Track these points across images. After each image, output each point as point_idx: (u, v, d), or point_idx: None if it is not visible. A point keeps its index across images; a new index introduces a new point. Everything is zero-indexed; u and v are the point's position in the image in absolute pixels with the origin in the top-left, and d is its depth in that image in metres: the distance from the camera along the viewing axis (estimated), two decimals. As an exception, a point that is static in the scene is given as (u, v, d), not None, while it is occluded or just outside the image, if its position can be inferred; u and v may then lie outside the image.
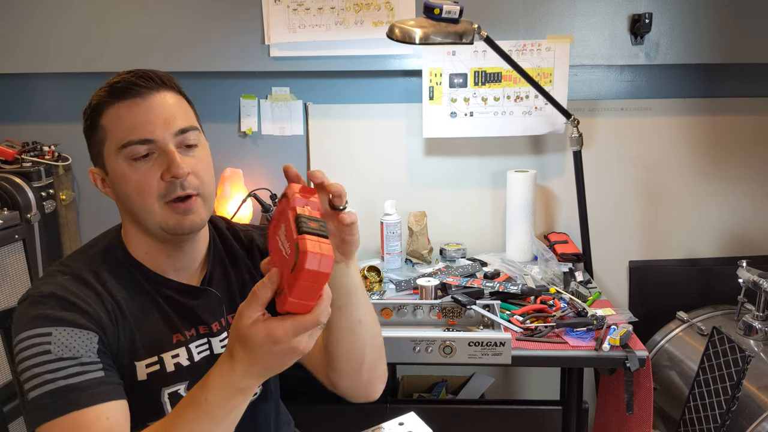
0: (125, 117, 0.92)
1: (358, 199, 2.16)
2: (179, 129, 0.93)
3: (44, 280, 0.95)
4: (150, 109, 0.92)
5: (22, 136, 2.17)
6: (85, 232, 2.26)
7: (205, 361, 1.02)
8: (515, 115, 2.05)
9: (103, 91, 0.94)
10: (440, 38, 1.59)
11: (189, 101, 1.00)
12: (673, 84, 2.10)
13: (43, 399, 0.84)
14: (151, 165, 0.92)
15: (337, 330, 0.96)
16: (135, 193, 0.93)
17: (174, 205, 0.93)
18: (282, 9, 1.99)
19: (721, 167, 2.14)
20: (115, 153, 0.93)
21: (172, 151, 0.91)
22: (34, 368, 0.85)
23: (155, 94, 0.93)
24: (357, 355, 0.99)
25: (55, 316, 0.88)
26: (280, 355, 0.74)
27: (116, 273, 0.98)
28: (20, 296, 0.94)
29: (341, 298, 0.93)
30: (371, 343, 0.99)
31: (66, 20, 2.05)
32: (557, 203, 2.18)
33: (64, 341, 0.87)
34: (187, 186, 0.93)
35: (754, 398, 1.57)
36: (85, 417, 0.84)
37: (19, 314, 0.91)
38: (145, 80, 0.93)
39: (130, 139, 0.91)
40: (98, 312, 0.92)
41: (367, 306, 0.98)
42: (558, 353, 1.43)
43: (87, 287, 0.94)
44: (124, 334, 0.95)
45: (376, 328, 1.01)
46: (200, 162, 0.96)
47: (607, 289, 2.21)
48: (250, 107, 2.15)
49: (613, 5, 1.98)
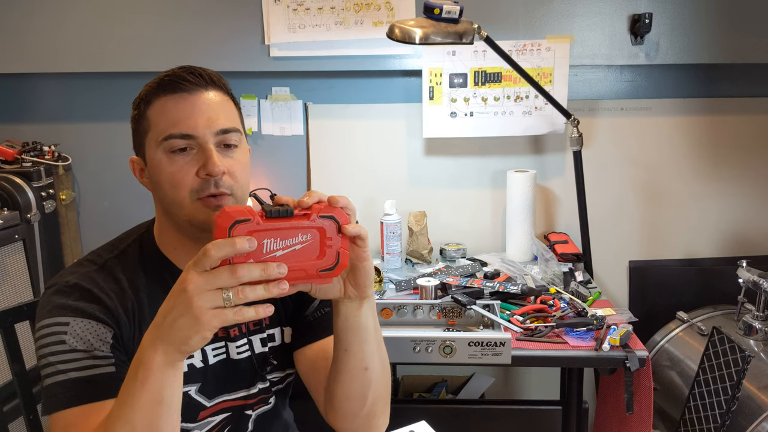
0: (170, 110, 0.92)
1: (358, 199, 2.16)
2: (221, 129, 0.93)
3: (73, 269, 0.96)
4: (195, 106, 0.92)
5: (22, 136, 2.17)
6: (85, 232, 2.26)
7: (220, 364, 1.02)
8: (515, 115, 2.05)
9: (154, 84, 0.95)
10: (440, 38, 1.59)
11: (236, 103, 1.00)
12: (673, 84, 2.10)
13: (56, 388, 0.86)
14: (188, 160, 0.92)
15: (341, 371, 0.93)
16: (168, 184, 0.92)
17: (206, 200, 0.92)
18: (282, 9, 1.99)
19: (721, 167, 2.14)
20: (156, 144, 0.93)
21: (211, 149, 0.91)
22: (49, 357, 0.88)
23: (202, 92, 0.93)
24: (357, 402, 0.95)
25: (75, 307, 0.90)
26: (176, 310, 0.70)
27: (144, 268, 0.98)
28: (48, 282, 0.95)
29: (348, 339, 0.90)
30: (376, 392, 0.95)
31: (66, 20, 2.05)
32: (557, 203, 2.18)
33: (80, 333, 0.88)
34: (221, 185, 0.92)
35: (754, 398, 1.57)
36: (92, 411, 0.85)
37: (43, 301, 0.93)
38: (194, 76, 0.93)
39: (171, 132, 0.91)
40: (118, 308, 0.93)
41: (378, 354, 0.94)
42: (558, 353, 1.43)
43: (113, 281, 0.95)
44: (140, 332, 0.95)
45: (385, 378, 0.96)
46: (237, 163, 0.95)
47: (607, 289, 2.21)
48: (250, 107, 2.15)
49: (613, 5, 1.98)
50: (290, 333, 1.08)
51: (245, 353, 1.04)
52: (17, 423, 1.45)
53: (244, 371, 1.04)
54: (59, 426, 0.86)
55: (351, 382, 0.93)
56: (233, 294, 0.69)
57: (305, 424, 1.24)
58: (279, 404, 1.11)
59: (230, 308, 0.70)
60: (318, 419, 1.03)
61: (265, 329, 1.06)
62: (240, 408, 1.04)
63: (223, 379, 1.02)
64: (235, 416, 1.04)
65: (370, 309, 0.90)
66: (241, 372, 1.03)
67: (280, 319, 1.08)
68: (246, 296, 0.69)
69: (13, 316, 1.22)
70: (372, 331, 0.91)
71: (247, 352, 1.04)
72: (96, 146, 2.20)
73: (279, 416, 1.12)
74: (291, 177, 2.19)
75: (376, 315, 0.93)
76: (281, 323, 1.08)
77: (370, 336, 0.91)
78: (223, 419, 1.03)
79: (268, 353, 1.06)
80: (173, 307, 0.71)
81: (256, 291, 0.70)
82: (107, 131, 2.19)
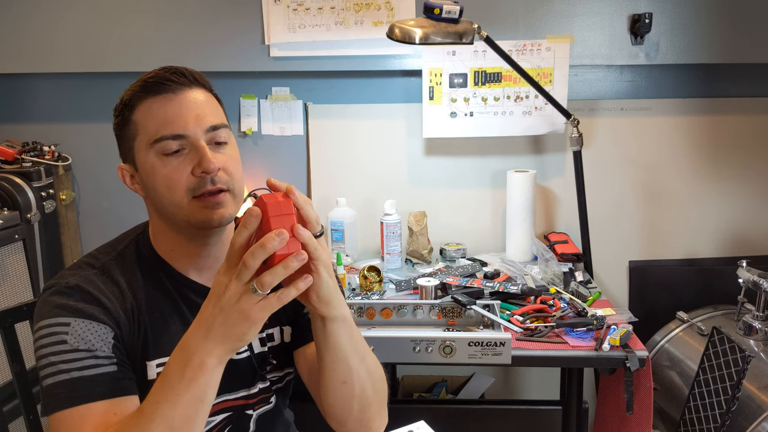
0: (157, 112, 0.92)
1: (359, 199, 2.16)
2: (211, 126, 0.93)
3: (72, 270, 0.96)
4: (182, 105, 0.92)
5: (22, 136, 2.17)
6: (85, 232, 2.27)
7: None
8: (515, 115, 2.05)
9: (136, 87, 0.94)
10: (440, 38, 1.59)
11: (219, 100, 1.00)
12: (673, 84, 2.10)
13: (57, 388, 0.86)
14: (182, 160, 0.92)
15: (321, 381, 0.95)
16: (164, 187, 0.92)
17: (204, 199, 0.92)
18: (282, 9, 1.99)
19: (721, 167, 2.14)
20: (147, 148, 0.93)
21: (203, 147, 0.91)
22: (50, 356, 0.87)
23: (187, 91, 0.93)
24: (343, 410, 0.96)
25: (76, 308, 0.90)
26: (226, 311, 0.77)
27: (141, 270, 0.98)
28: (46, 283, 0.95)
29: (321, 353, 0.91)
30: (362, 402, 0.95)
31: (66, 20, 2.05)
32: (557, 203, 2.18)
33: (81, 333, 0.88)
34: (217, 181, 0.92)
35: (754, 398, 1.57)
36: (93, 410, 0.85)
37: (42, 302, 0.92)
38: (177, 76, 0.93)
39: (163, 134, 0.91)
40: (118, 309, 0.93)
41: (363, 366, 0.93)
42: (558, 353, 1.43)
43: (112, 283, 0.95)
44: (140, 333, 0.95)
45: (374, 387, 0.97)
46: (230, 159, 0.95)
47: (607, 289, 2.21)
48: (250, 107, 2.15)
49: (613, 5, 1.98)
50: (290, 332, 1.08)
51: (245, 353, 1.04)
52: (17, 423, 1.45)
53: (244, 371, 1.04)
54: (62, 425, 0.85)
55: (333, 391, 0.94)
56: (257, 285, 0.75)
57: (305, 425, 1.24)
58: (280, 404, 1.11)
59: (273, 295, 0.77)
60: (318, 421, 1.03)
61: (264, 329, 1.06)
62: (241, 408, 1.04)
63: (224, 379, 1.02)
64: (236, 416, 1.04)
65: (342, 329, 0.89)
66: (240, 372, 1.03)
67: (279, 319, 1.08)
68: (269, 282, 0.75)
69: (13, 316, 1.22)
70: (346, 349, 0.90)
71: (247, 352, 1.04)
72: (96, 146, 2.20)
73: (280, 416, 1.12)
74: (291, 177, 2.18)
75: (354, 332, 0.92)
76: (281, 323, 1.08)
77: (344, 354, 0.90)
78: (224, 419, 1.03)
79: (267, 353, 1.06)
80: (219, 312, 0.77)
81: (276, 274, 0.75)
82: (107, 131, 2.13)
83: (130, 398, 0.90)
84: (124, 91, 0.96)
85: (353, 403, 0.95)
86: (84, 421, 0.84)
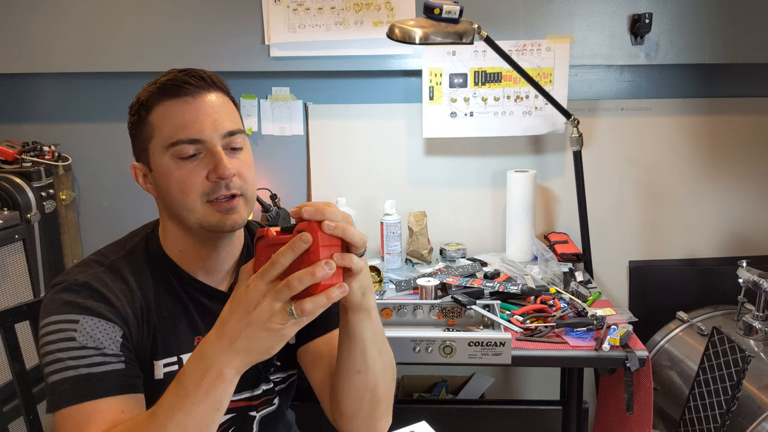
0: (175, 115, 0.91)
1: (359, 199, 2.16)
2: (227, 131, 0.93)
3: (80, 268, 0.95)
4: (199, 109, 0.92)
5: (22, 136, 2.17)
6: (85, 232, 2.27)
7: None
8: (515, 115, 2.05)
9: (153, 88, 0.94)
10: (440, 38, 1.59)
11: (235, 102, 1.00)
12: (673, 84, 2.10)
13: (64, 384, 0.86)
14: (197, 164, 0.92)
15: (337, 368, 0.95)
16: (177, 190, 0.92)
17: (217, 204, 0.93)
18: (282, 9, 1.99)
19: (721, 167, 2.14)
20: (162, 150, 0.92)
21: (220, 152, 0.91)
22: (57, 353, 0.87)
23: (205, 94, 0.93)
24: (354, 402, 0.96)
25: (84, 305, 0.90)
26: (254, 326, 0.74)
27: (150, 269, 0.98)
28: (52, 281, 0.95)
29: (342, 340, 0.92)
30: (374, 396, 0.95)
31: (66, 20, 2.05)
32: (557, 203, 2.18)
33: (90, 331, 0.88)
34: (231, 186, 0.92)
35: (754, 398, 1.57)
36: (101, 407, 0.85)
37: (49, 299, 0.92)
38: (196, 79, 0.93)
39: (179, 137, 0.91)
40: (126, 308, 0.93)
41: (379, 360, 0.94)
42: (558, 353, 1.43)
43: (121, 282, 0.95)
44: (148, 333, 0.95)
45: (385, 383, 0.97)
46: (244, 164, 0.95)
47: (607, 289, 2.21)
48: (250, 107, 2.15)
49: (613, 5, 1.98)
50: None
51: None
52: (17, 423, 1.45)
53: (249, 373, 1.03)
54: (68, 422, 0.85)
55: (346, 380, 0.94)
56: (296, 310, 0.73)
57: (308, 426, 1.24)
58: (283, 405, 1.11)
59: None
60: (321, 422, 1.03)
61: None
62: (244, 409, 1.04)
63: None
64: (240, 417, 1.04)
65: (366, 320, 0.89)
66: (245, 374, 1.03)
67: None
68: (310, 310, 0.73)
69: (13, 316, 1.22)
70: (368, 341, 0.91)
71: None
72: (96, 146, 2.20)
73: (283, 417, 1.12)
74: (291, 177, 2.19)
75: (377, 325, 0.92)
76: None
77: (363, 345, 0.91)
78: (227, 420, 1.03)
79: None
80: (246, 326, 0.75)
81: (318, 303, 0.73)
82: (107, 131, 2.19)
83: (138, 396, 0.90)
84: (141, 90, 0.95)
85: (364, 395, 0.95)
86: (91, 417, 0.84)
